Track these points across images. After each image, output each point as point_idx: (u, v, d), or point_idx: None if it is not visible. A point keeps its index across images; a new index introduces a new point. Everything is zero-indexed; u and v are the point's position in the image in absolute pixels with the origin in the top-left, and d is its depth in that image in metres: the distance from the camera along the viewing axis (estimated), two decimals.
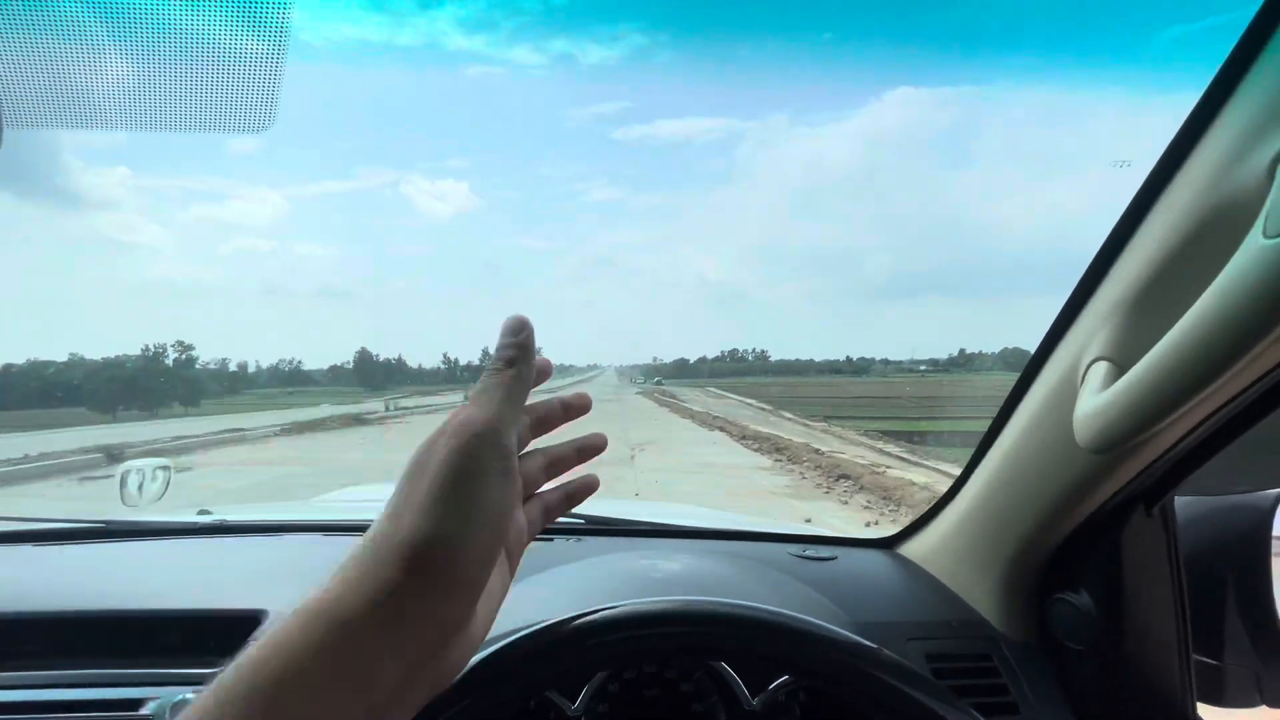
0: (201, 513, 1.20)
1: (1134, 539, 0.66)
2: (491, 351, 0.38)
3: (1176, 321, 0.40)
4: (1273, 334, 0.33)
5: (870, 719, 0.69)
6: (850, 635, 0.35)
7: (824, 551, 0.98)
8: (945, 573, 0.88)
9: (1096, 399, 0.48)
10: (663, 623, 0.35)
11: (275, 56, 0.43)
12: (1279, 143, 0.35)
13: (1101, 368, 0.50)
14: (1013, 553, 0.74)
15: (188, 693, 0.61)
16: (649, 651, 0.36)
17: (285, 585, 0.77)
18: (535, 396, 0.40)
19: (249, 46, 0.42)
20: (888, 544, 1.02)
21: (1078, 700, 0.72)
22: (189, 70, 0.43)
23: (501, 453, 0.34)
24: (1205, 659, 0.72)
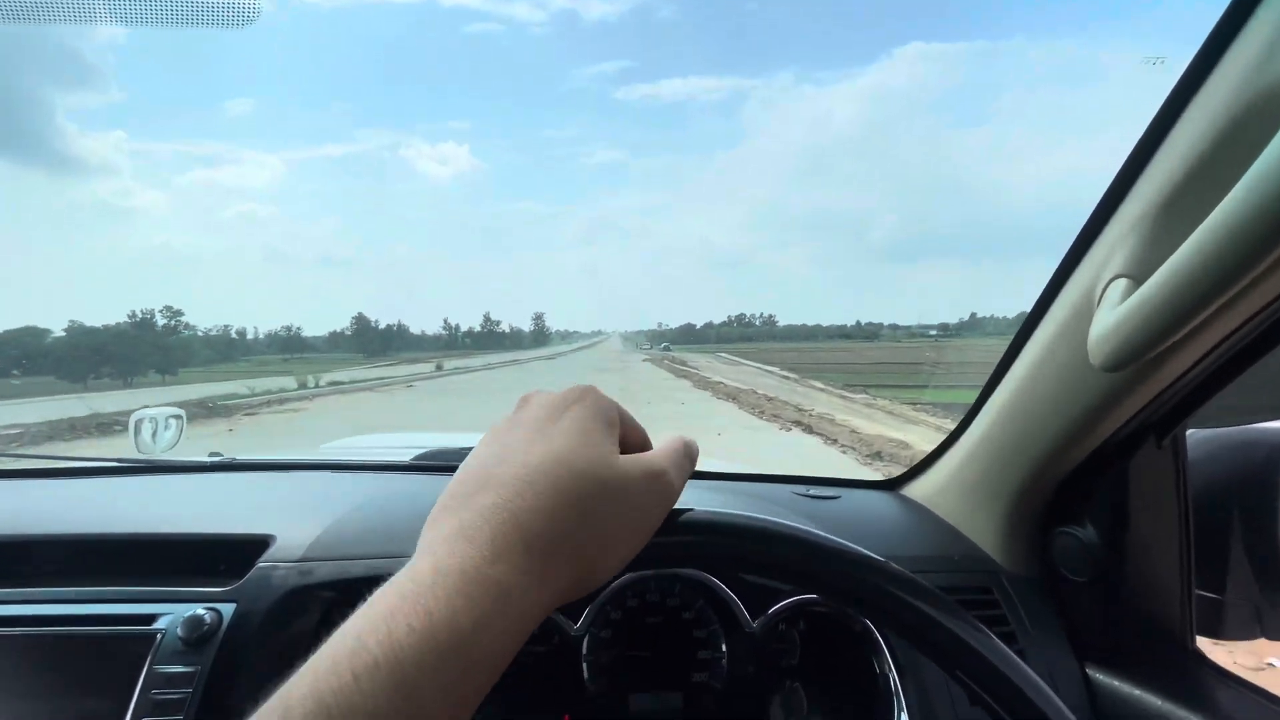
0: (212, 454, 1.22)
1: (1142, 471, 0.65)
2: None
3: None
4: None
5: (859, 648, 0.71)
6: (862, 550, 0.34)
7: (828, 492, 0.98)
8: (948, 511, 0.88)
9: (1112, 314, 0.47)
10: (687, 530, 0.34)
11: None
12: None
13: (1120, 285, 0.49)
14: (1017, 488, 0.74)
15: (199, 608, 0.62)
16: (670, 559, 0.35)
17: (291, 514, 0.78)
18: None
19: None
20: (891, 485, 1.02)
21: (1076, 631, 0.72)
22: None
23: (604, 413, 0.34)
24: (1207, 594, 0.72)
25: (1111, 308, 0.48)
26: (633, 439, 0.36)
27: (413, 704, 0.22)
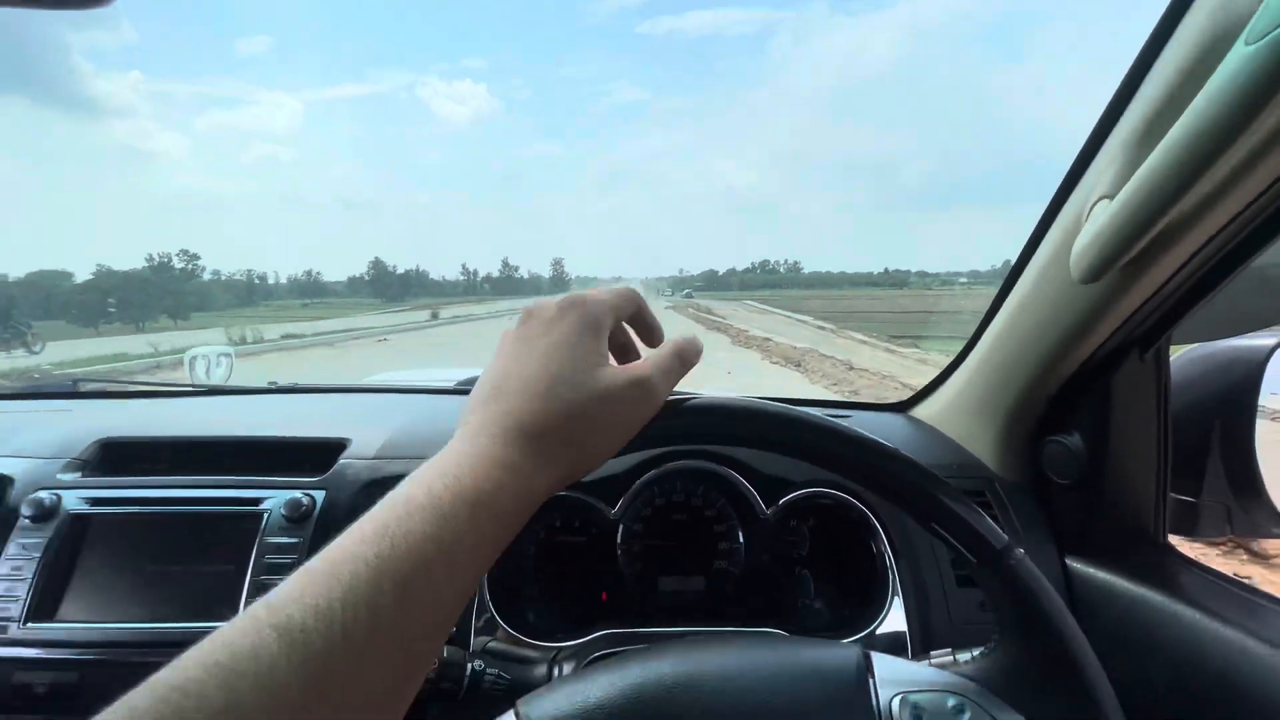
0: (270, 383, 1.34)
1: (1125, 383, 0.72)
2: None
3: None
4: (1246, 136, 0.37)
5: (860, 534, 0.80)
6: (882, 441, 0.41)
7: (839, 413, 1.06)
8: (950, 428, 0.95)
9: (1090, 229, 0.53)
10: (725, 415, 0.41)
11: None
12: None
13: (1103, 205, 0.54)
14: (1011, 402, 0.81)
15: (297, 493, 0.74)
16: (710, 436, 0.43)
17: (360, 424, 0.89)
18: None
19: None
20: (900, 408, 1.09)
21: (1059, 529, 0.81)
22: None
23: (591, 324, 0.38)
24: (1183, 497, 0.79)
25: (1092, 225, 0.53)
26: (644, 339, 0.44)
27: (448, 531, 0.30)
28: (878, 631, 0.73)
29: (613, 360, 0.41)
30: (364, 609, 0.26)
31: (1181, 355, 0.79)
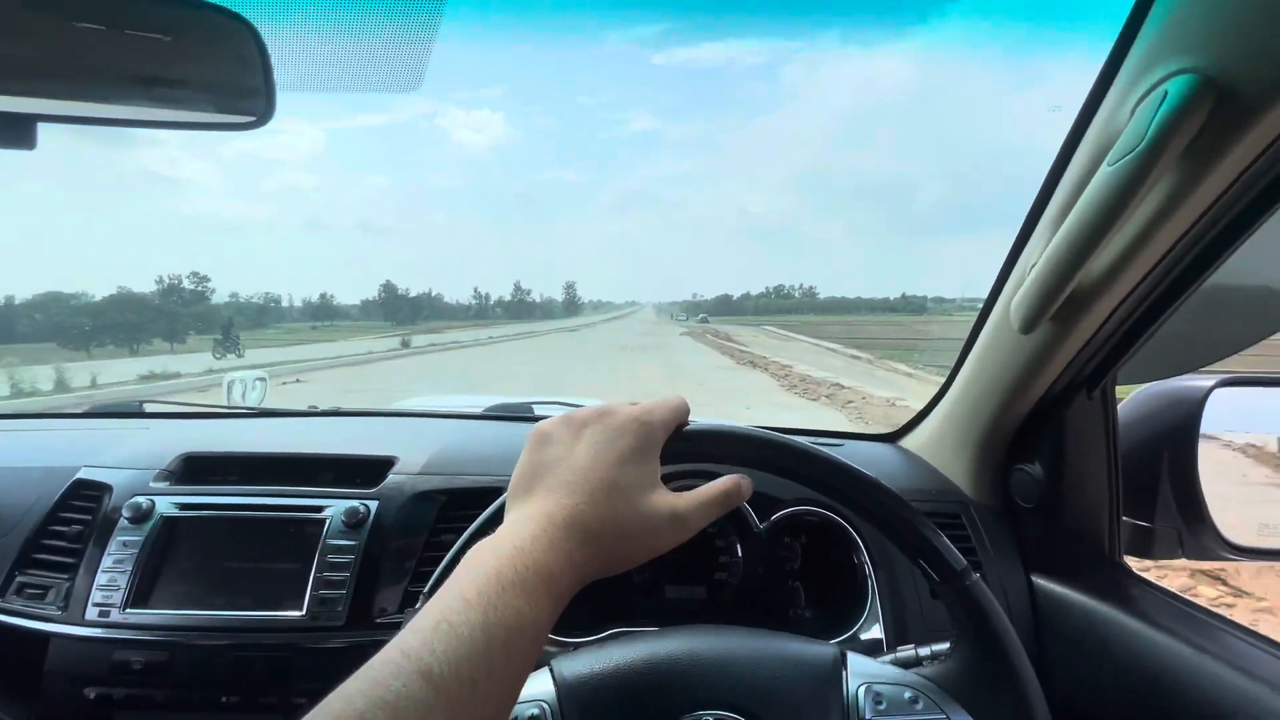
0: (311, 407, 1.47)
1: (1077, 418, 0.82)
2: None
3: None
4: (1112, 232, 0.48)
5: (844, 549, 0.89)
6: (864, 471, 0.49)
7: (832, 442, 1.16)
8: (933, 456, 1.05)
9: (1020, 290, 0.64)
10: (743, 442, 0.49)
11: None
12: (1138, 94, 0.48)
13: (1036, 269, 0.65)
14: (980, 435, 0.91)
15: (354, 503, 0.86)
16: (712, 456, 0.49)
17: (405, 445, 1.01)
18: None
19: None
20: (889, 438, 1.19)
21: (1026, 550, 0.90)
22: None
23: (651, 445, 0.44)
24: (1139, 521, 0.88)
25: (1021, 286, 0.65)
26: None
27: (531, 605, 0.36)
28: (859, 636, 0.82)
29: (661, 484, 0.45)
30: (483, 665, 0.32)
31: (1134, 394, 0.89)
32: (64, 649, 0.79)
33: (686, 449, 0.48)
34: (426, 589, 0.49)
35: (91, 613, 0.80)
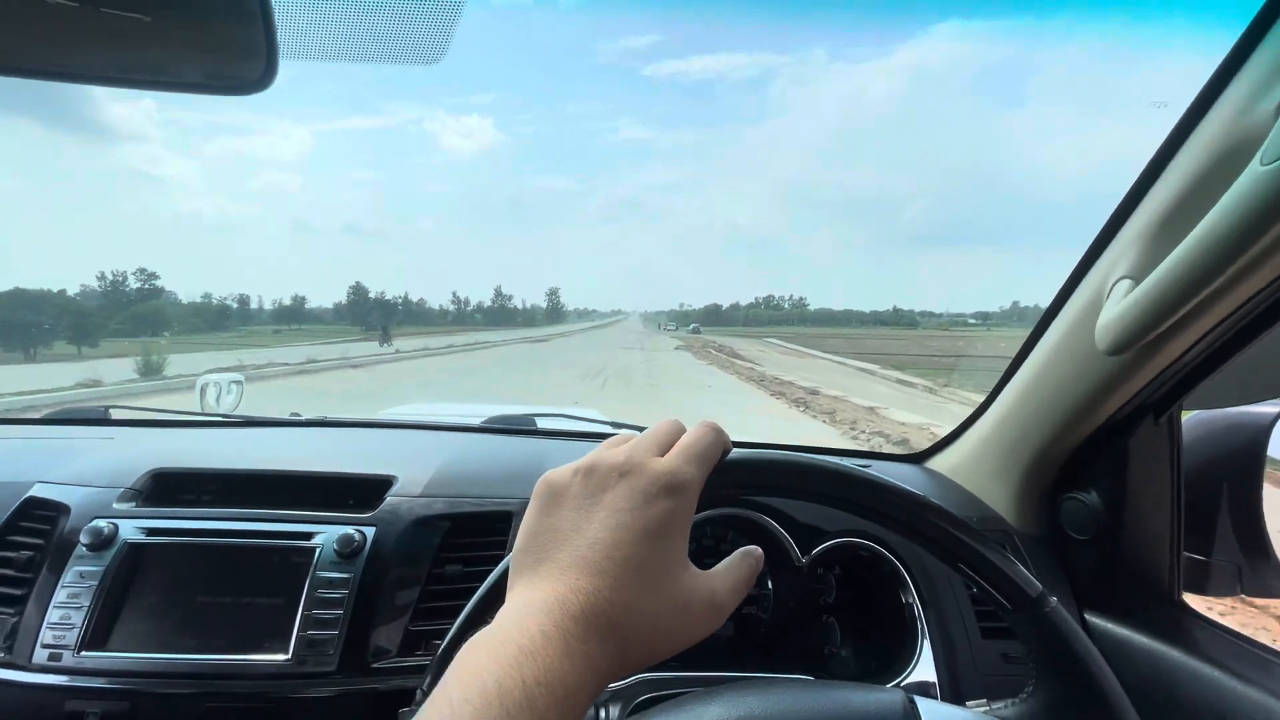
0: (292, 414, 1.37)
1: (1142, 445, 0.76)
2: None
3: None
4: (1260, 243, 0.42)
5: (889, 585, 0.82)
6: (924, 495, 0.44)
7: (858, 463, 1.10)
8: (968, 481, 0.99)
9: (1116, 307, 0.58)
10: (777, 469, 0.43)
11: None
12: None
13: (1124, 285, 0.59)
14: (1030, 460, 0.85)
15: (349, 529, 0.76)
16: (760, 487, 0.44)
17: (402, 461, 0.92)
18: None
19: None
20: (917, 459, 1.13)
21: (1077, 583, 0.84)
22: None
23: (685, 515, 0.36)
24: (1196, 555, 0.83)
25: (1116, 302, 0.58)
26: None
27: None
28: (907, 680, 0.75)
29: (690, 562, 0.38)
30: None
31: (1189, 418, 0.84)
32: (7, 697, 0.68)
33: (726, 483, 0.41)
34: (424, 686, 0.42)
35: (41, 655, 0.69)
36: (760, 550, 0.42)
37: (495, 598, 0.42)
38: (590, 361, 19.96)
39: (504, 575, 0.38)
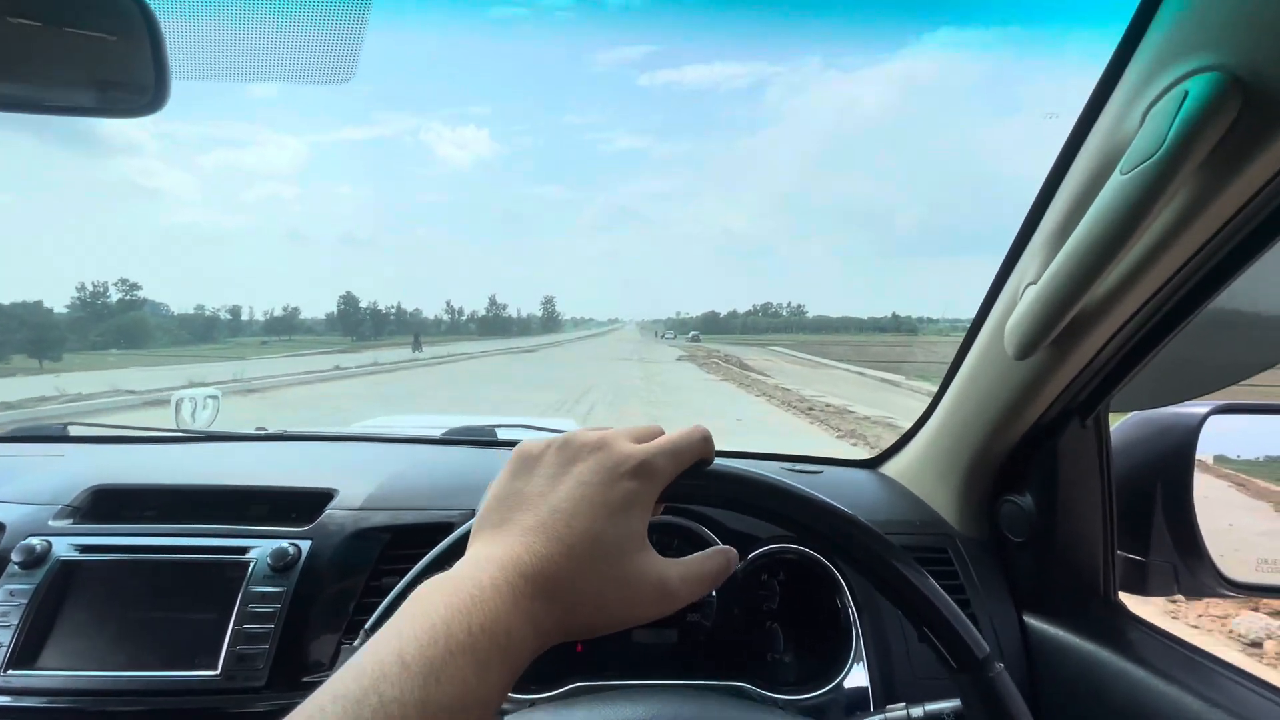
0: (258, 429, 1.37)
1: (1069, 447, 0.77)
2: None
3: None
4: (1128, 247, 0.43)
5: (826, 591, 0.83)
6: (842, 508, 0.43)
7: (811, 468, 1.10)
8: (915, 485, 1.00)
9: (1017, 312, 0.59)
10: (767, 493, 0.43)
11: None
12: (1150, 96, 0.43)
13: (1030, 291, 0.60)
14: (967, 464, 0.86)
15: (283, 543, 0.76)
16: (705, 498, 0.43)
17: (347, 474, 0.92)
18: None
19: None
20: (869, 464, 1.14)
21: (1016, 586, 0.84)
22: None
23: (649, 496, 0.37)
24: (1133, 556, 0.83)
25: (1021, 308, 0.60)
26: None
27: (482, 678, 0.29)
28: (843, 685, 0.75)
29: (649, 544, 0.38)
30: None
31: (1122, 422, 0.85)
32: None
33: (693, 489, 0.41)
34: (369, 624, 0.44)
35: None
36: (734, 551, 0.43)
37: (452, 555, 0.43)
38: (573, 380, 16.08)
39: (464, 536, 0.40)
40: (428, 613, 0.30)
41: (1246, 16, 0.38)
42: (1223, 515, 0.83)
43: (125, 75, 0.43)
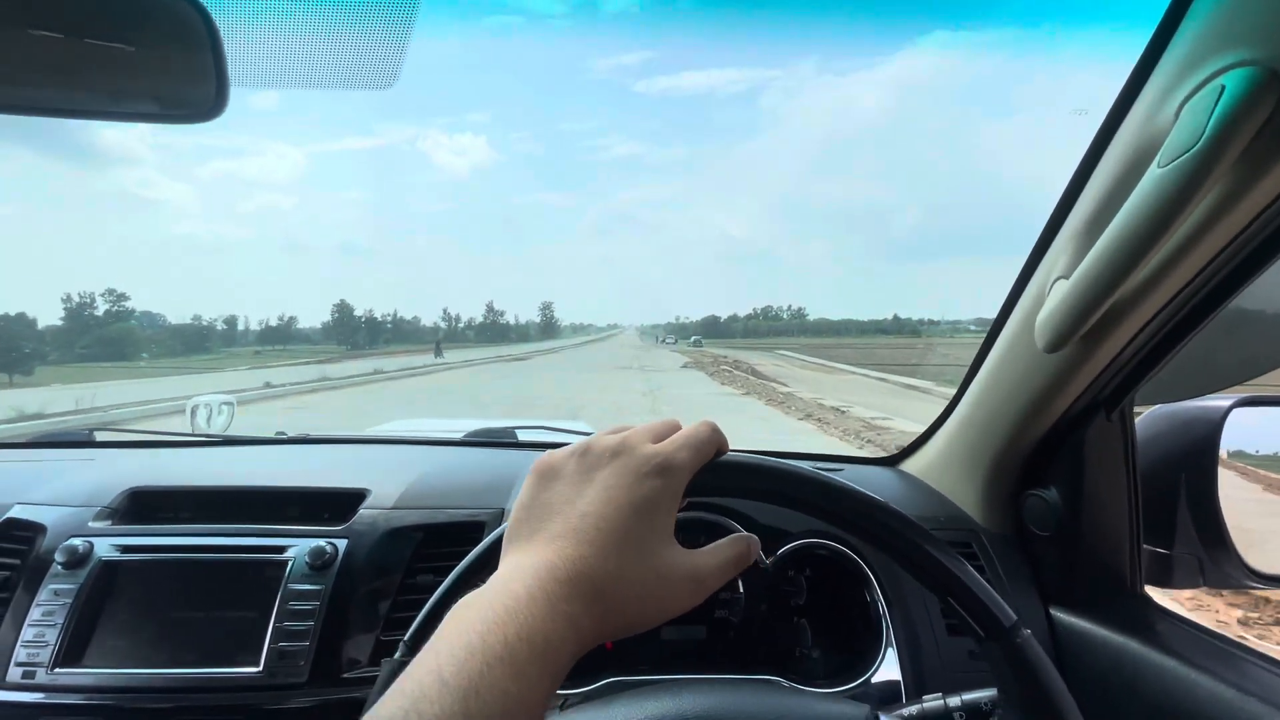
0: (279, 433, 1.38)
1: (1095, 441, 0.78)
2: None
3: None
4: (1164, 241, 0.44)
5: (855, 585, 0.83)
6: (859, 489, 0.44)
7: (832, 466, 1.11)
8: (937, 481, 1.01)
9: (1049, 306, 0.60)
10: (784, 479, 0.44)
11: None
12: (1185, 91, 0.45)
13: (1060, 285, 0.61)
14: (991, 458, 0.87)
15: (320, 542, 0.77)
16: (749, 492, 0.44)
17: (378, 475, 0.93)
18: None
19: None
20: (890, 462, 1.15)
21: (1041, 578, 0.85)
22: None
23: (673, 494, 0.38)
24: (1157, 548, 0.84)
25: (1051, 302, 0.61)
26: None
27: (524, 686, 0.29)
28: (873, 679, 0.76)
29: (675, 539, 0.39)
30: None
31: (1146, 415, 0.86)
32: None
33: (714, 483, 0.42)
34: (407, 636, 0.43)
35: (15, 673, 0.70)
36: (755, 538, 0.43)
37: (483, 566, 0.44)
38: (560, 399, 13.59)
39: (495, 544, 0.40)
40: (463, 629, 0.31)
41: None
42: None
43: (189, 84, 0.44)
